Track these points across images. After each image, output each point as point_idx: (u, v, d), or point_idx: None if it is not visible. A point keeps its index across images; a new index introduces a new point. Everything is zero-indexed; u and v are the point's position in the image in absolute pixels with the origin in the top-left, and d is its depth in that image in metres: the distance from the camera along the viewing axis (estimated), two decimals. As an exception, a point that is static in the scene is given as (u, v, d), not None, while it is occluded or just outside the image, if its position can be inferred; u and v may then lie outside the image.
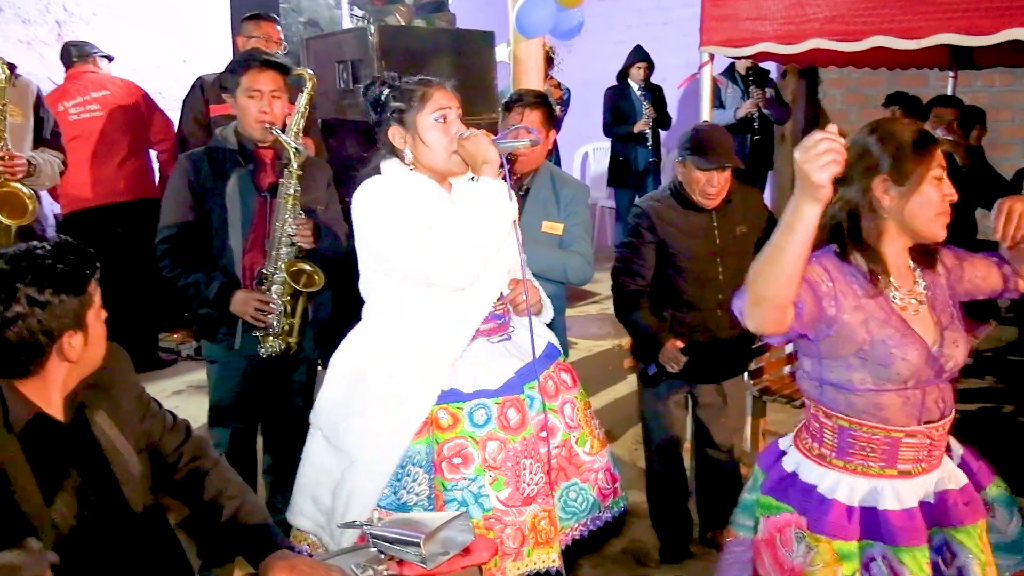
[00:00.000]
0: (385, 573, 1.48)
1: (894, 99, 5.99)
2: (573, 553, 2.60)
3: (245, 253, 2.82)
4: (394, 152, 2.25)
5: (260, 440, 3.18)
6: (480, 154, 2.11)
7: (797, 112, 7.15)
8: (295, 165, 2.76)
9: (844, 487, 1.87)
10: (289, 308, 2.82)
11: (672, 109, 6.72)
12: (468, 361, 2.25)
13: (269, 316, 2.78)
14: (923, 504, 1.85)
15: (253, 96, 2.77)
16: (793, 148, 1.50)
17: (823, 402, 1.91)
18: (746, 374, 3.94)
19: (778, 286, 1.62)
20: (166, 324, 5.11)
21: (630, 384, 4.75)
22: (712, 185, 2.90)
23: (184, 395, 4.30)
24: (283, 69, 2.88)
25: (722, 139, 2.97)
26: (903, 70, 5.80)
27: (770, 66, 6.42)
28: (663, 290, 3.05)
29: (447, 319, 2.20)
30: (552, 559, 2.23)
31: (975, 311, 3.33)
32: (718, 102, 6.10)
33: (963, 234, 3.30)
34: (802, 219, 1.54)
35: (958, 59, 5.12)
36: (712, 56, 4.04)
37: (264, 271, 2.81)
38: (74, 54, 4.65)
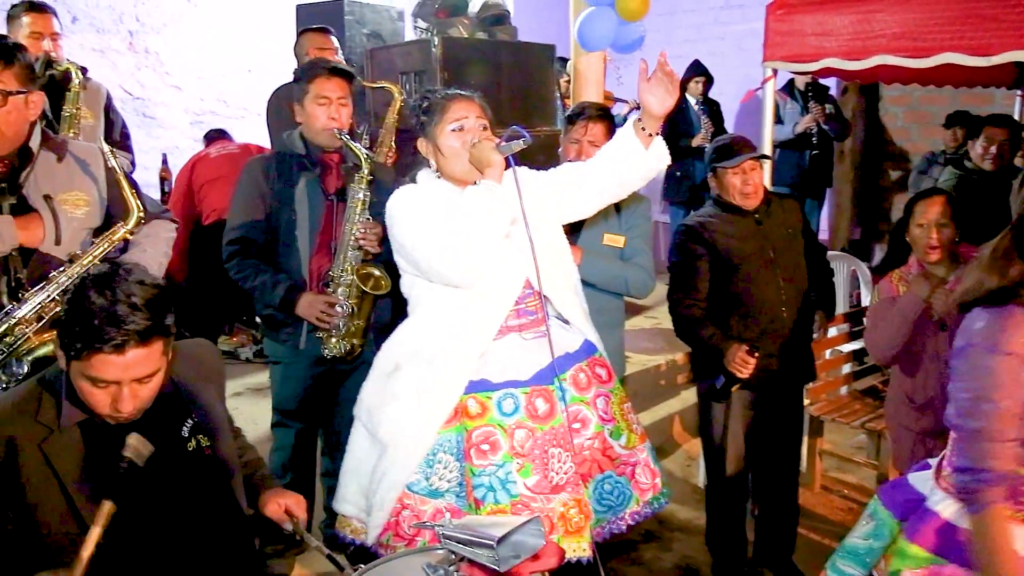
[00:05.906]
0: (456, 574, 1.49)
1: (955, 119, 5.87)
2: (612, 556, 2.50)
3: (312, 256, 2.87)
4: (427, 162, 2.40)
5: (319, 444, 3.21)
6: (484, 159, 2.22)
7: (857, 129, 7.04)
8: (365, 171, 2.81)
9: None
10: (356, 309, 2.86)
11: (729, 124, 6.68)
12: (499, 353, 2.31)
13: (335, 318, 2.82)
14: None
15: (322, 103, 2.84)
16: (852, 165, 1.50)
17: None
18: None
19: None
20: (225, 327, 5.21)
21: (682, 400, 4.73)
22: (748, 183, 2.99)
23: (243, 397, 4.37)
24: (349, 76, 2.95)
25: (739, 138, 3.11)
26: (968, 88, 5.70)
27: (830, 82, 6.35)
28: (724, 300, 3.03)
29: (471, 316, 2.28)
30: (583, 548, 2.20)
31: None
32: (777, 117, 6.05)
33: None
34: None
35: (1026, 77, 5.04)
36: (775, 71, 4.01)
37: (331, 273, 2.86)
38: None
